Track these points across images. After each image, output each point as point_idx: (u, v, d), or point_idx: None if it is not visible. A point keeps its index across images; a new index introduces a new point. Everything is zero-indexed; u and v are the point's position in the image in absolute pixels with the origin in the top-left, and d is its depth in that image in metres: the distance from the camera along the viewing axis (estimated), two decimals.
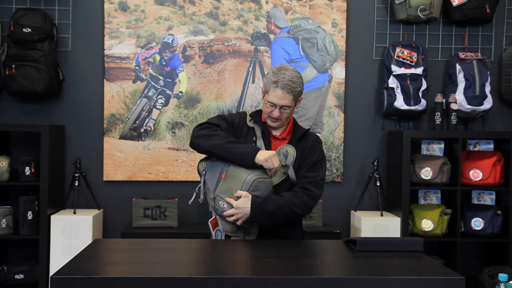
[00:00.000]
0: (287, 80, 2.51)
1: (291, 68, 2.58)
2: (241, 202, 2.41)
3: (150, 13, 4.22)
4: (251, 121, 2.64)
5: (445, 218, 4.06)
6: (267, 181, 2.44)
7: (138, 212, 4.00)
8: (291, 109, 2.57)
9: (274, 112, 2.54)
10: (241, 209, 2.41)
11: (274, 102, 2.53)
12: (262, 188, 2.42)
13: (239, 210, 2.41)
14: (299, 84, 2.56)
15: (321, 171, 2.61)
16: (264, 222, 2.47)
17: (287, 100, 2.53)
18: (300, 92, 2.57)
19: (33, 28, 3.88)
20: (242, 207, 2.41)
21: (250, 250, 2.23)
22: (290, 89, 2.52)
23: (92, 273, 1.83)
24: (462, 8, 4.10)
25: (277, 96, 2.52)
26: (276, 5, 4.27)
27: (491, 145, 4.23)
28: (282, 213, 2.45)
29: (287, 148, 2.53)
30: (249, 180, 2.41)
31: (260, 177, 2.42)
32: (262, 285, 1.74)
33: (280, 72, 2.53)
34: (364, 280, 1.78)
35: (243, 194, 2.41)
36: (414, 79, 4.13)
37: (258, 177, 2.41)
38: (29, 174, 3.89)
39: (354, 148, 4.32)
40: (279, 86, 2.51)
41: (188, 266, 2.01)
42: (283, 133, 2.65)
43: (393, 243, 2.22)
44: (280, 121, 2.59)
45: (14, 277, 3.92)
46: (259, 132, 2.61)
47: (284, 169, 2.50)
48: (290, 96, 2.53)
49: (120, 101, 4.22)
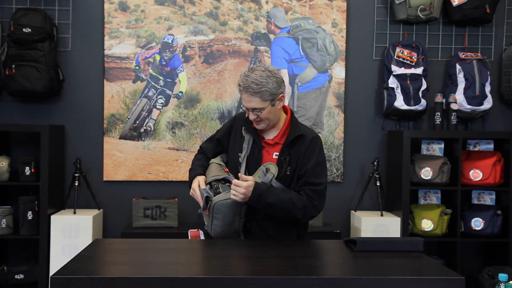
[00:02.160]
0: (249, 83, 2.44)
1: (261, 68, 2.49)
2: (246, 183, 2.41)
3: (150, 13, 4.22)
4: (244, 130, 2.63)
5: (445, 218, 4.06)
6: (228, 202, 2.44)
7: (138, 212, 4.00)
8: (267, 110, 2.49)
9: (250, 115, 2.52)
10: (244, 189, 2.40)
11: (245, 106, 2.51)
12: (222, 210, 2.45)
13: (242, 189, 2.39)
14: (264, 84, 2.44)
15: (322, 177, 2.57)
16: (262, 210, 2.49)
17: (254, 102, 2.46)
18: (267, 91, 2.45)
19: (33, 28, 3.88)
20: (246, 186, 2.40)
21: (250, 250, 2.23)
22: (253, 91, 2.44)
23: (92, 273, 1.83)
24: (462, 8, 4.10)
25: (244, 99, 2.49)
26: (276, 5, 4.27)
27: (491, 145, 4.23)
28: (280, 209, 2.46)
29: (270, 166, 2.51)
30: (212, 201, 2.47)
31: (221, 200, 2.45)
32: (262, 285, 1.74)
33: (245, 75, 2.48)
34: (364, 280, 1.78)
35: (249, 178, 2.42)
36: (414, 79, 4.13)
37: (219, 200, 2.45)
38: (29, 174, 3.89)
39: (354, 148, 4.32)
40: (242, 90, 2.48)
41: (188, 266, 2.01)
42: (276, 137, 2.60)
43: (393, 243, 2.22)
44: (263, 123, 2.53)
45: (14, 277, 3.92)
46: (247, 143, 2.58)
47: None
48: (256, 98, 2.45)
49: (120, 101, 4.22)
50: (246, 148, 2.58)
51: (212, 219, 2.47)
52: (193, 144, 4.22)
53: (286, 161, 2.53)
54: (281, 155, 2.54)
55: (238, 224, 2.51)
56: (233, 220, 2.47)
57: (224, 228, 2.47)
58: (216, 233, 2.49)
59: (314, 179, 2.52)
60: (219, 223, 2.46)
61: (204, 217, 2.57)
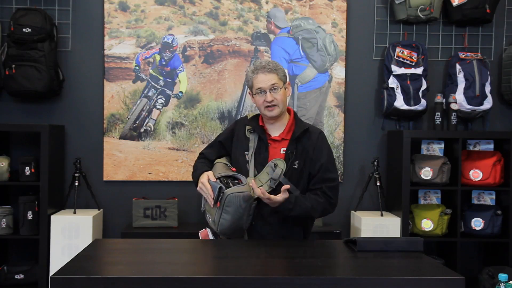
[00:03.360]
0: (264, 63, 2.59)
1: (267, 58, 2.62)
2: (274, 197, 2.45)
3: (150, 13, 4.22)
4: (249, 131, 2.66)
5: (445, 218, 4.05)
6: (241, 195, 2.45)
7: (138, 212, 4.00)
8: (282, 90, 2.58)
9: (267, 96, 2.55)
10: (272, 202, 2.46)
11: (262, 87, 2.56)
12: (234, 203, 2.44)
13: (270, 201, 2.45)
14: (277, 65, 2.61)
15: (336, 171, 2.66)
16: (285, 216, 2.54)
17: (273, 79, 2.56)
18: (282, 71, 2.61)
19: (33, 28, 3.88)
20: (274, 201, 2.46)
21: (250, 250, 2.23)
22: (270, 69, 2.57)
23: (92, 273, 1.83)
24: (462, 8, 4.10)
25: (262, 80, 2.56)
26: (276, 5, 4.27)
27: (491, 145, 4.23)
28: (301, 215, 2.54)
29: (278, 161, 2.53)
30: (225, 193, 2.46)
31: (234, 192, 2.44)
32: (262, 285, 1.74)
33: (257, 62, 2.64)
34: (364, 280, 1.78)
35: (283, 195, 2.45)
36: (414, 79, 4.13)
37: (232, 192, 2.44)
38: (29, 174, 3.89)
39: (354, 148, 4.32)
40: (259, 71, 2.57)
41: (188, 266, 2.01)
42: (282, 133, 2.63)
43: (393, 243, 2.21)
44: (277, 107, 2.57)
45: (14, 277, 3.92)
46: (253, 142, 2.61)
47: (271, 182, 2.50)
48: (274, 75, 2.57)
49: (120, 101, 4.22)
50: (253, 147, 2.60)
51: (222, 213, 2.46)
52: (193, 144, 4.22)
53: (293, 155, 2.55)
54: (288, 149, 2.58)
55: (245, 221, 2.49)
56: (242, 215, 2.46)
57: (232, 223, 2.46)
58: (223, 228, 2.48)
59: (330, 174, 2.60)
60: (229, 217, 2.45)
61: (208, 213, 2.55)
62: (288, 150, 2.58)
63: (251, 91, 2.65)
